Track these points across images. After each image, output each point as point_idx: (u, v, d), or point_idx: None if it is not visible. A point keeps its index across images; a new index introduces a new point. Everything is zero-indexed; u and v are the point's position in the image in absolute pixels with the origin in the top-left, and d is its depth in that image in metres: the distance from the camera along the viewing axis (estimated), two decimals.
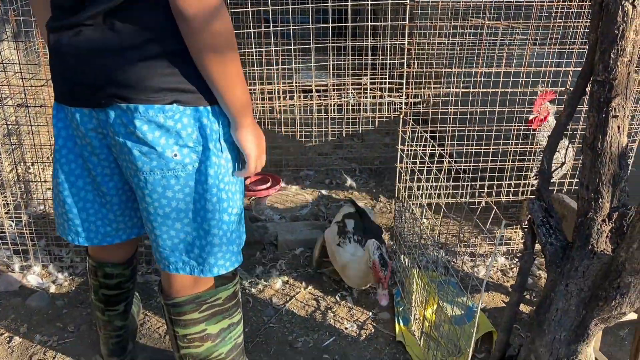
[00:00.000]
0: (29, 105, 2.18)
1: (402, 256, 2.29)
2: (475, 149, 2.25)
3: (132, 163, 1.27)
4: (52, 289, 2.25)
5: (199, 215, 1.33)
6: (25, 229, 2.30)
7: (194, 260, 1.37)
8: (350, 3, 2.13)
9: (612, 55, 1.31)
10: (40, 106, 2.28)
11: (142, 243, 2.40)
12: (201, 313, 1.45)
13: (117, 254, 1.66)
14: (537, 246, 1.59)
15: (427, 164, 2.07)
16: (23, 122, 2.53)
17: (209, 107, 1.25)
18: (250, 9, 2.18)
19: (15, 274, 2.30)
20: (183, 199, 1.30)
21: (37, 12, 1.42)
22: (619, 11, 1.27)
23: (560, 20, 2.13)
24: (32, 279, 2.28)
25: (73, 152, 1.38)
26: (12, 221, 2.52)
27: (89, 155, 1.36)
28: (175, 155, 1.25)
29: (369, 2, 2.06)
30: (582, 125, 2.18)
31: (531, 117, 2.17)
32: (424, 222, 2.24)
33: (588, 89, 1.42)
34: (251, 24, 2.26)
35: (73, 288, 2.26)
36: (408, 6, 1.92)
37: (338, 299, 2.24)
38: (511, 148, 2.24)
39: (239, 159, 1.38)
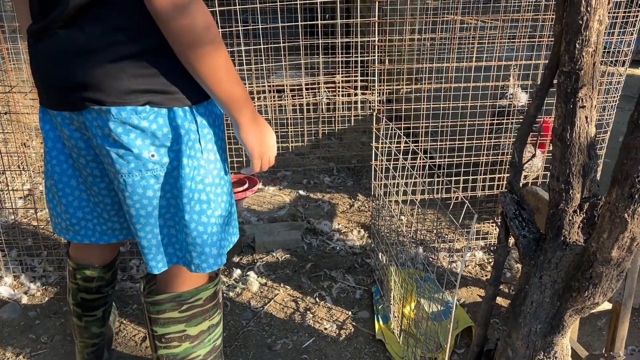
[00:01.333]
0: None
1: (380, 254, 2.28)
2: (449, 144, 2.25)
3: (111, 165, 1.25)
4: (24, 299, 2.20)
5: (178, 215, 1.31)
6: None
7: (175, 256, 1.37)
8: (319, 0, 2.11)
9: (577, 46, 1.30)
10: (6, 113, 2.23)
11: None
12: (181, 313, 1.43)
13: (98, 257, 1.63)
14: (513, 239, 1.59)
15: (402, 160, 2.06)
16: None
17: (186, 108, 1.23)
18: (218, 8, 2.15)
19: None
20: (164, 197, 1.29)
21: (20, 18, 1.39)
22: (582, 1, 1.27)
23: (529, 14, 2.13)
24: (3, 290, 2.22)
25: (63, 152, 1.37)
26: None
27: (77, 156, 1.35)
28: (153, 155, 1.23)
29: (338, 4, 2.05)
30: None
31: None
32: (401, 219, 2.23)
33: (555, 81, 1.42)
34: (219, 24, 2.23)
35: (46, 298, 2.21)
36: (377, 3, 1.91)
37: (317, 299, 2.23)
38: (485, 142, 2.25)
39: (226, 159, 1.36)
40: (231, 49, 2.51)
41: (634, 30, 2.11)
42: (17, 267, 2.32)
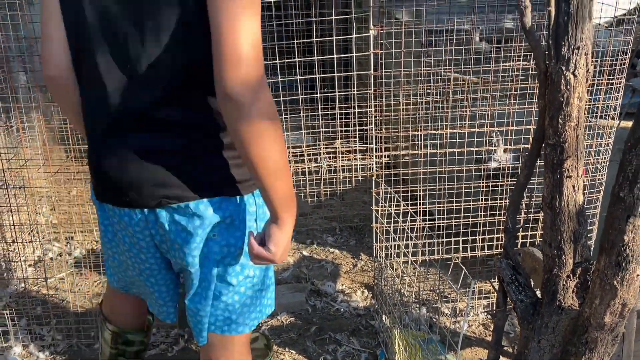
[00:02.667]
0: (8, 186, 2.22)
1: (384, 316, 2.31)
2: (447, 206, 2.32)
3: (183, 254, 1.29)
4: None
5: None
6: (6, 310, 2.29)
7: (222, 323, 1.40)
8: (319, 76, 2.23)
9: (559, 121, 1.39)
10: (20, 187, 2.32)
11: None
12: None
13: (138, 319, 1.66)
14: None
15: (401, 223, 2.12)
16: (3, 202, 2.56)
17: (250, 194, 1.28)
18: None
19: None
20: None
21: (74, 122, 1.42)
22: (562, 80, 1.36)
23: (517, 83, 2.24)
24: None
25: (123, 244, 1.39)
26: None
27: (137, 252, 1.38)
28: (214, 235, 1.27)
29: (335, 75, 2.17)
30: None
31: None
32: (403, 280, 2.27)
33: (542, 152, 1.49)
34: None
35: None
36: (372, 75, 2.02)
37: None
38: (482, 204, 2.31)
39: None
40: None
41: (619, 91, 2.20)
42: (27, 336, 2.36)
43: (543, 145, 1.48)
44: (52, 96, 1.34)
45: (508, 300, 1.63)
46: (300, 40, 2.24)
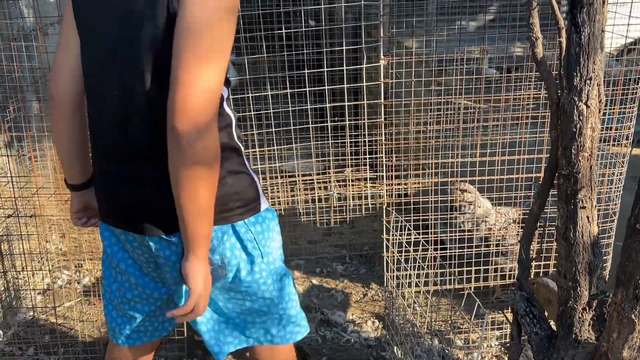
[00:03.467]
0: (19, 214, 2.23)
1: (395, 347, 2.27)
2: (459, 235, 2.29)
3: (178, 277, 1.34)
4: None
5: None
6: (14, 338, 2.28)
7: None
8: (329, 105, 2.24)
9: (573, 151, 1.38)
10: (31, 216, 2.33)
11: None
12: None
13: None
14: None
15: (412, 253, 2.10)
16: (13, 230, 2.57)
17: (245, 220, 1.36)
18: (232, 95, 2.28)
19: None
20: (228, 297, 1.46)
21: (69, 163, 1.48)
22: (575, 111, 1.35)
23: (528, 112, 2.24)
24: None
25: (124, 260, 1.44)
26: (1, 330, 2.49)
27: (138, 271, 1.43)
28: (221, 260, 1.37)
29: (346, 104, 2.18)
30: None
31: None
32: (415, 310, 2.24)
33: (555, 182, 1.48)
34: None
35: None
36: (382, 104, 2.03)
37: None
38: (494, 232, 2.29)
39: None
40: (245, 132, 2.64)
41: (631, 119, 2.19)
42: None
43: (556, 176, 1.47)
44: (50, 111, 1.40)
45: (522, 332, 1.60)
46: (311, 70, 2.26)
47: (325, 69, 2.11)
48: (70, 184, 1.50)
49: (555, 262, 2.43)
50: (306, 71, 2.17)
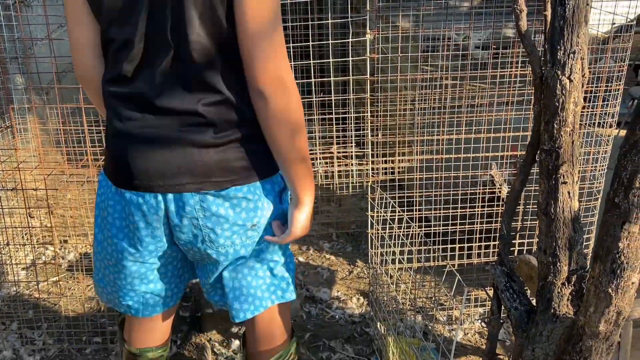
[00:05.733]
0: (2, 188, 2.21)
1: (378, 323, 2.28)
2: (443, 212, 2.30)
3: (211, 242, 1.35)
4: None
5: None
6: None
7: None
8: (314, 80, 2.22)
9: (555, 126, 1.37)
10: (12, 189, 2.30)
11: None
12: None
13: (159, 336, 1.63)
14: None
15: (396, 229, 2.10)
16: None
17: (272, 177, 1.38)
18: None
19: None
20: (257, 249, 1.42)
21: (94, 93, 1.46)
22: (558, 85, 1.34)
23: (514, 89, 2.23)
24: None
25: (122, 231, 1.41)
26: None
27: (141, 235, 1.39)
28: (254, 225, 1.35)
29: (332, 79, 2.15)
30: None
31: None
32: (399, 287, 2.25)
33: (537, 158, 1.48)
34: None
35: None
36: (368, 80, 2.01)
37: None
38: (478, 210, 2.29)
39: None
40: None
41: (617, 98, 2.19)
42: (17, 340, 2.33)
43: (538, 152, 1.46)
44: (84, 88, 1.46)
45: (503, 308, 1.61)
46: (298, 44, 2.23)
47: (312, 43, 2.08)
48: None
49: (537, 239, 2.44)
50: (291, 44, 2.14)
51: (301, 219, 1.37)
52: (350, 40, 1.91)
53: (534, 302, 1.55)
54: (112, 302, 1.53)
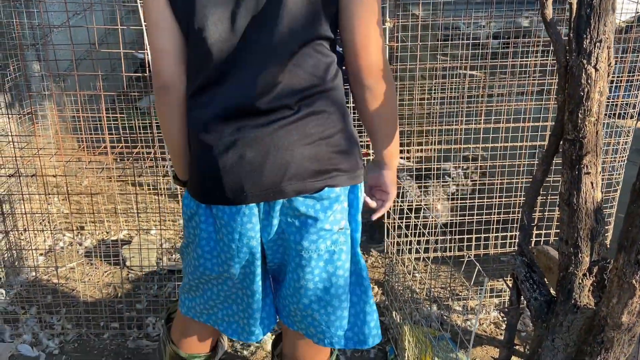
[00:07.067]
0: (21, 174, 2.22)
1: (394, 312, 2.29)
2: (460, 202, 2.29)
3: (296, 244, 1.33)
4: (43, 357, 2.23)
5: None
6: (17, 297, 2.30)
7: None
8: None
9: (579, 116, 1.36)
10: (33, 175, 2.32)
11: (133, 307, 2.40)
12: None
13: (210, 344, 1.64)
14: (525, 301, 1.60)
15: (414, 219, 2.10)
16: (15, 190, 2.56)
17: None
18: None
19: (5, 343, 2.29)
20: (343, 272, 1.40)
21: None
22: (583, 74, 1.33)
23: (534, 79, 2.21)
24: (23, 349, 2.26)
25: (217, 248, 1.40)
26: (3, 289, 2.51)
27: (235, 247, 1.36)
28: (341, 229, 1.35)
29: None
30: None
31: None
32: (414, 277, 2.25)
33: (560, 148, 1.46)
34: None
35: (64, 357, 2.24)
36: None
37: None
38: (496, 201, 2.28)
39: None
40: None
41: (638, 88, 2.17)
42: (37, 324, 2.36)
43: (561, 142, 1.45)
44: (159, 104, 1.37)
45: (522, 298, 1.60)
46: None
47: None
48: (182, 181, 1.47)
49: (555, 230, 2.43)
50: None
51: (395, 178, 1.47)
52: None
53: (552, 292, 1.55)
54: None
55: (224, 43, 1.26)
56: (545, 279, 1.66)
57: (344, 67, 1.36)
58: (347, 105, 1.41)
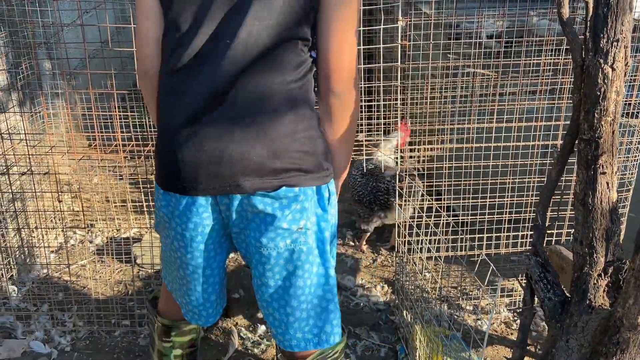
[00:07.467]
0: (33, 172, 2.24)
1: (404, 311, 2.29)
2: (472, 202, 2.28)
3: (256, 240, 1.34)
4: (55, 354, 2.24)
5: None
6: (29, 294, 2.31)
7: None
8: None
9: (596, 115, 1.35)
10: (45, 173, 2.33)
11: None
12: None
13: None
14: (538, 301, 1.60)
15: (425, 218, 2.10)
16: (27, 188, 2.58)
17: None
18: None
19: (18, 340, 2.30)
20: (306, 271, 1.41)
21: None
22: (599, 74, 1.33)
23: (547, 78, 2.20)
24: (35, 345, 2.27)
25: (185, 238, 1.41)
26: (15, 286, 2.53)
27: (199, 239, 1.40)
28: (300, 228, 1.35)
29: (362, 67, 2.14)
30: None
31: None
32: (425, 276, 2.25)
33: (576, 147, 1.46)
34: None
35: (76, 354, 2.25)
36: (399, 68, 1.99)
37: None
38: (507, 200, 2.28)
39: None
40: None
41: None
42: (49, 321, 2.38)
43: (577, 141, 1.45)
44: (142, 88, 1.47)
45: (535, 298, 1.60)
46: None
47: None
48: None
49: (568, 230, 2.42)
50: None
51: (339, 187, 1.52)
52: (381, 27, 1.89)
53: (566, 293, 1.54)
54: None
55: (194, 35, 1.28)
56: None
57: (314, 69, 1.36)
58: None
